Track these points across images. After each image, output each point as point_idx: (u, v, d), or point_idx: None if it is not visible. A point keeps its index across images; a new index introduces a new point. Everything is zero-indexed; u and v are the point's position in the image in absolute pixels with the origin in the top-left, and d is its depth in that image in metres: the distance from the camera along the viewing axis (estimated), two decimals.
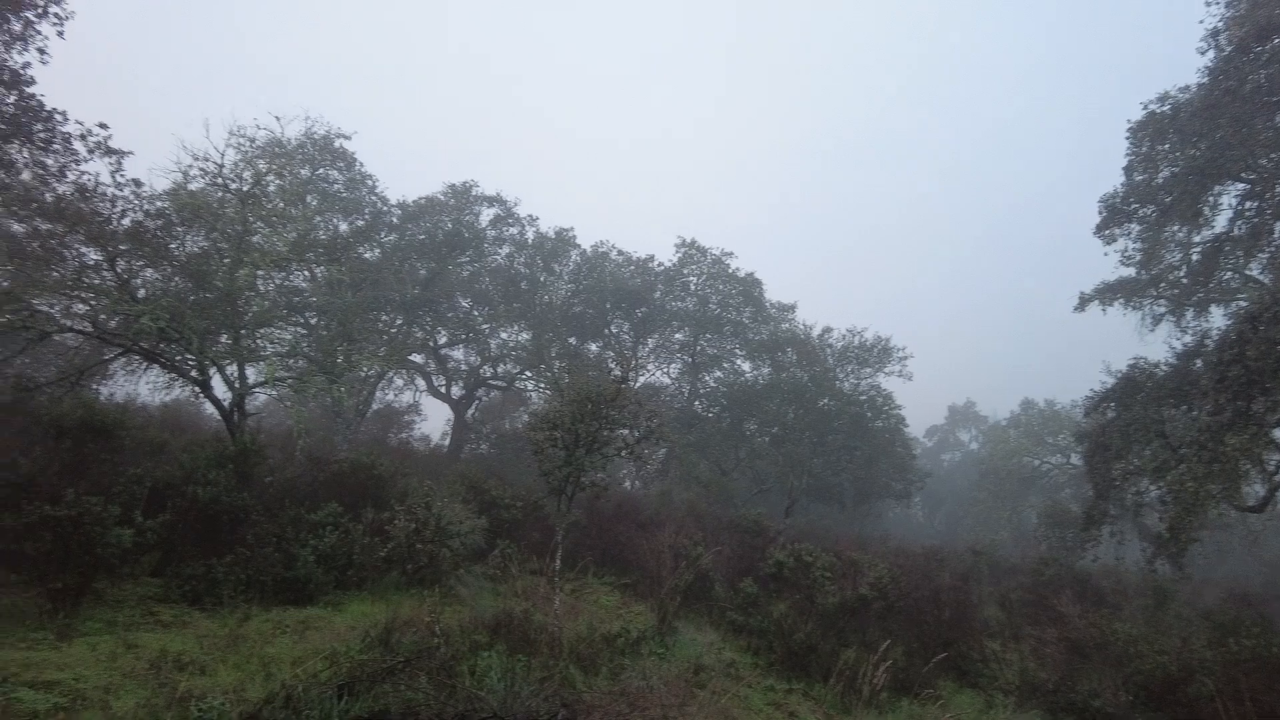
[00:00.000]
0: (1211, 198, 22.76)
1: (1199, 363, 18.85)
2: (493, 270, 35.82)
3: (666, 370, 41.15)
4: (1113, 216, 24.67)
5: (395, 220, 32.41)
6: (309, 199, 28.03)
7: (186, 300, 15.75)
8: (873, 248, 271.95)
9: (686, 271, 38.89)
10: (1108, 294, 26.92)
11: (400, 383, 36.33)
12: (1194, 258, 24.78)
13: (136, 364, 16.67)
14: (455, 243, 32.18)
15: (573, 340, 37.86)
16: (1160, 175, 23.19)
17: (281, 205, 18.24)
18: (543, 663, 8.87)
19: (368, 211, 31.68)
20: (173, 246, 16.12)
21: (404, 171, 31.01)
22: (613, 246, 38.60)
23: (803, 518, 35.15)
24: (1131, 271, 26.02)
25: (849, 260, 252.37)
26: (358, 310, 23.00)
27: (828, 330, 38.14)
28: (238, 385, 16.54)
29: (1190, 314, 25.58)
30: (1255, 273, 23.37)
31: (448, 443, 36.81)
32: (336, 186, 30.65)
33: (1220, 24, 20.86)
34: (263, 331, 18.14)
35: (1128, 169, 23.92)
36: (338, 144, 29.70)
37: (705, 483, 31.87)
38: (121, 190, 15.42)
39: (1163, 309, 26.44)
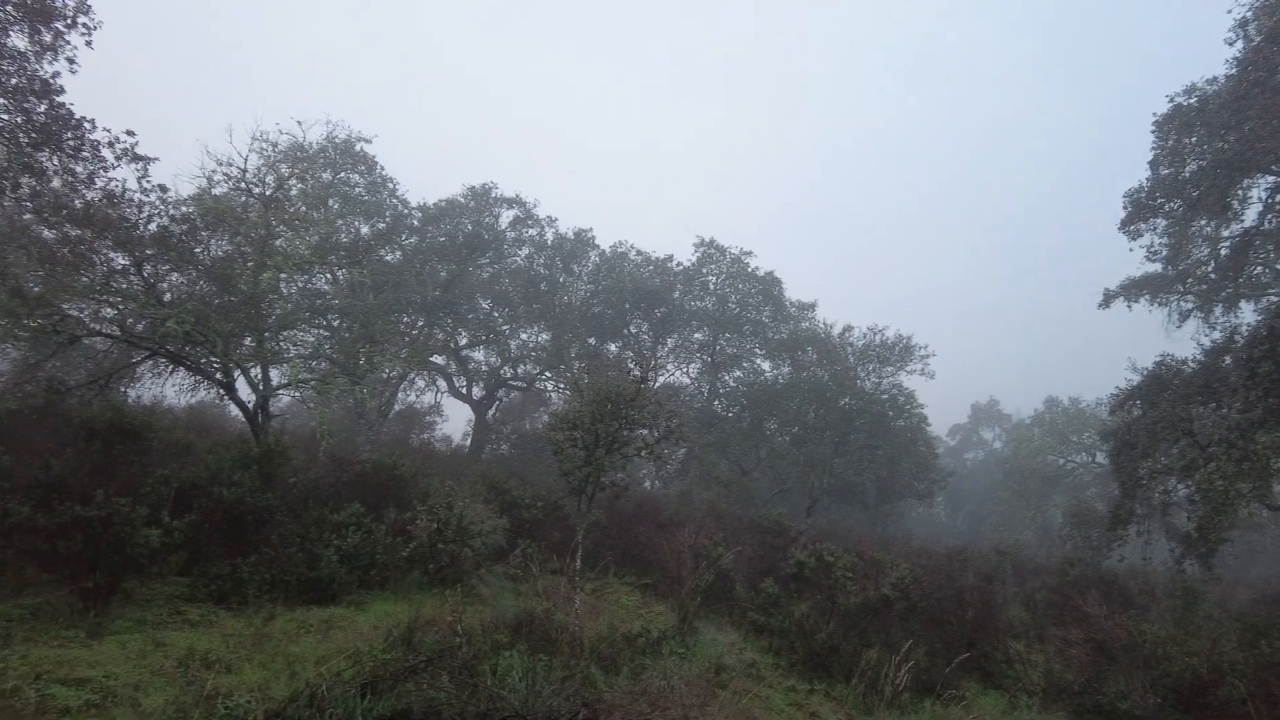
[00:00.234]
0: (1240, 191, 22.32)
1: (1228, 359, 18.55)
2: (512, 271, 36.02)
3: (686, 370, 41.10)
4: (1138, 211, 24.27)
5: (416, 223, 32.71)
6: (331, 202, 28.40)
7: (211, 304, 15.97)
8: (885, 248, 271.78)
9: (705, 271, 38.79)
10: (1133, 290, 26.49)
11: (422, 384, 36.75)
12: (1223, 252, 24.34)
13: (163, 367, 16.94)
14: (475, 244, 32.38)
15: (592, 341, 37.94)
16: (1187, 169, 22.78)
17: (304, 209, 18.46)
18: (564, 662, 8.89)
19: (389, 214, 32.01)
20: (198, 251, 16.36)
21: (403, 178, 31.48)
22: (631, 247, 38.65)
23: (824, 518, 34.91)
24: (1158, 267, 25.62)
25: (861, 260, 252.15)
26: (379, 312, 23.19)
27: (848, 329, 37.75)
28: (261, 387, 16.74)
29: (1219, 309, 25.14)
30: None
31: (469, 443, 37.05)
32: (358, 190, 30.96)
33: (1249, 14, 20.49)
34: (286, 334, 18.39)
35: (1153, 163, 23.52)
36: (359, 148, 30.02)
37: (725, 483, 31.78)
38: (148, 196, 15.67)
39: (1190, 305, 25.99)
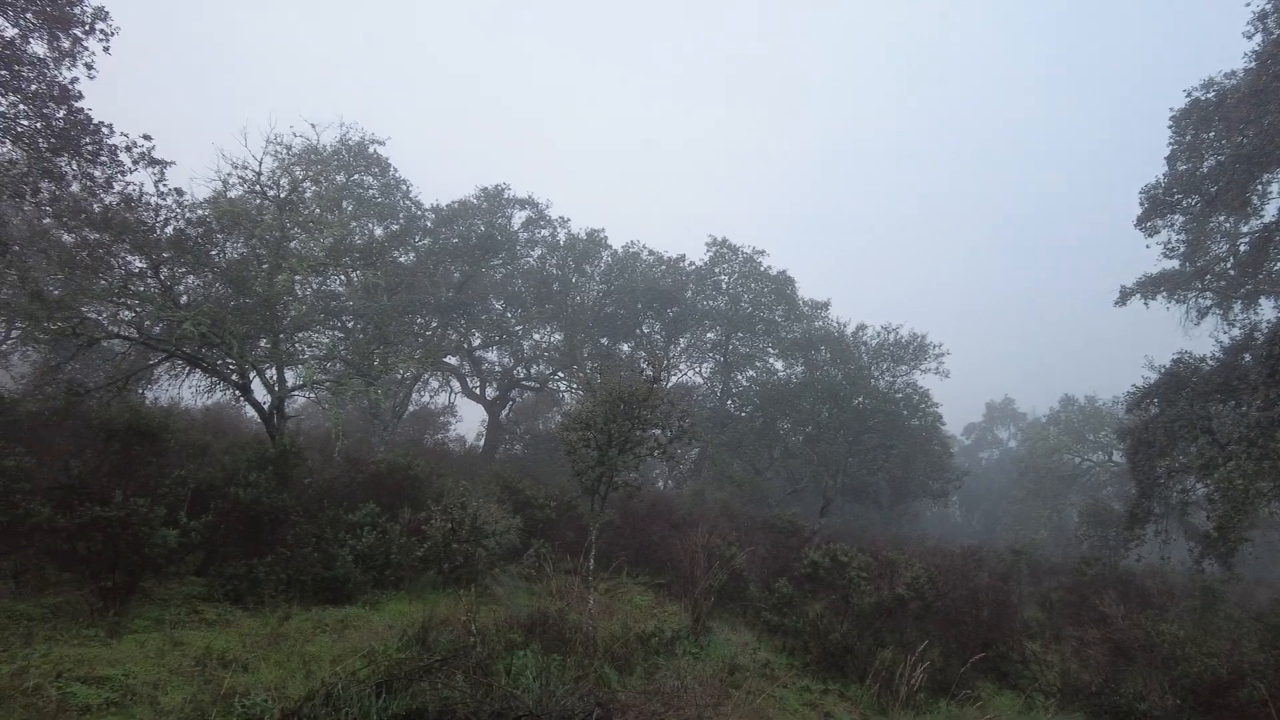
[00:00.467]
0: (1260, 186, 21.97)
1: (1248, 356, 18.32)
2: (525, 272, 36.10)
3: (699, 370, 41.05)
4: (1155, 208, 23.94)
5: (429, 224, 32.83)
6: (345, 204, 28.55)
7: (227, 306, 16.10)
8: (886, 248, 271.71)
9: (718, 270, 38.70)
10: (1150, 287, 26.12)
11: (435, 384, 36.89)
12: (1242, 248, 23.97)
13: (180, 368, 17.10)
14: (488, 245, 32.46)
15: (605, 341, 37.97)
16: (1205, 164, 22.46)
17: (318, 211, 18.54)
18: (577, 662, 8.89)
19: (402, 216, 32.15)
20: (213, 253, 16.50)
21: (409, 179, 31.57)
22: (644, 247, 38.63)
23: (838, 518, 34.76)
24: (1175, 264, 25.30)
25: (861, 261, 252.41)
26: (393, 313, 23.30)
27: (862, 327, 37.54)
28: (277, 388, 16.85)
29: (1238, 306, 24.73)
30: None
31: (482, 443, 37.18)
32: (371, 192, 31.11)
33: (1269, 6, 20.17)
34: (301, 335, 18.51)
35: (1170, 159, 23.21)
36: (372, 150, 30.18)
37: (738, 482, 31.71)
38: (164, 199, 15.85)
39: (1209, 301, 25.63)
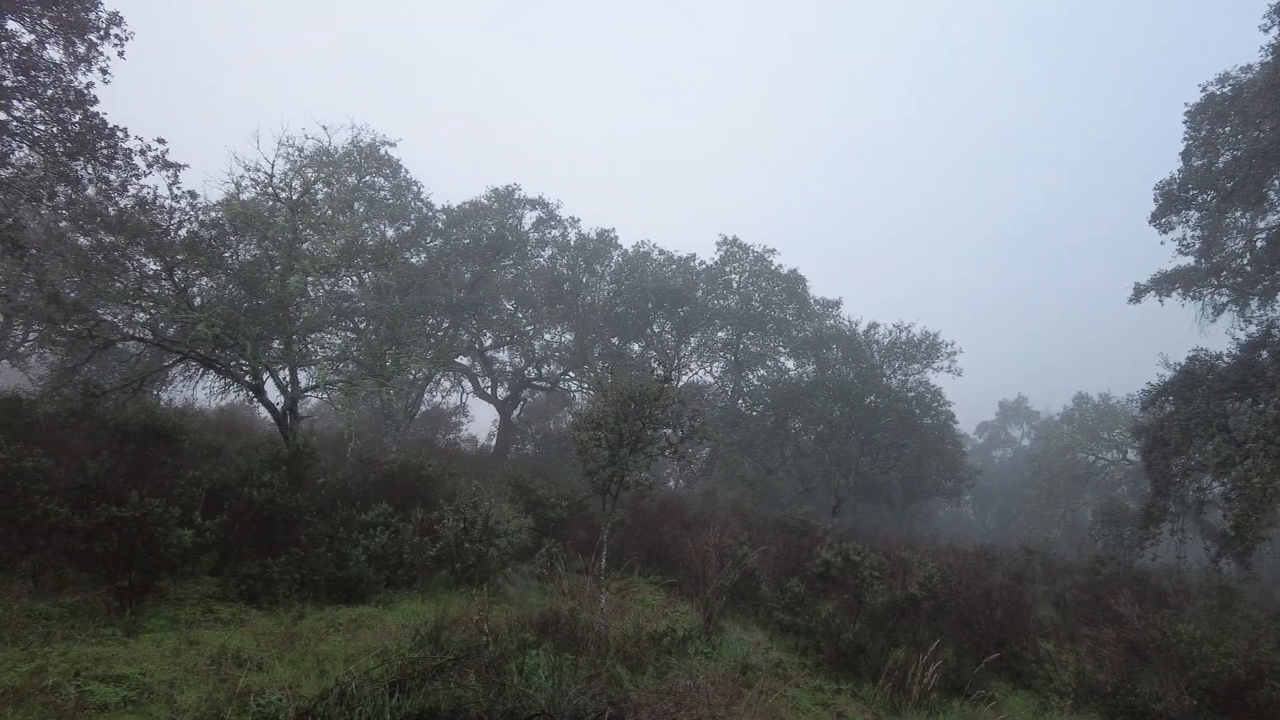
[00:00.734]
0: (1277, 180, 21.72)
1: (1265, 353, 18.11)
2: (536, 272, 36.18)
3: (709, 369, 41.00)
4: (1169, 204, 23.68)
5: (440, 225, 32.97)
6: (356, 206, 28.69)
7: (240, 307, 16.22)
8: (884, 249, 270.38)
9: (728, 270, 38.68)
10: (1164, 284, 25.85)
11: (447, 385, 37.02)
12: (1259, 244, 23.67)
13: (194, 370, 17.23)
14: (499, 246, 32.57)
15: (615, 340, 38.02)
16: (1221, 159, 22.22)
17: (330, 213, 18.67)
18: (589, 661, 8.90)
19: (413, 217, 32.29)
20: (227, 255, 16.63)
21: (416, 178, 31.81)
22: (654, 246, 38.65)
23: (850, 517, 34.61)
24: (1189, 260, 25.04)
25: (861, 261, 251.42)
26: (405, 314, 23.41)
27: (873, 326, 37.38)
28: (290, 389, 16.96)
29: (1255, 303, 24.43)
30: None
31: (494, 443, 37.24)
32: (383, 193, 31.27)
33: None
34: (313, 336, 18.62)
35: (1185, 154, 22.97)
36: (383, 151, 30.33)
37: (750, 482, 31.66)
38: (178, 202, 15.99)
39: (1225, 298, 25.35)
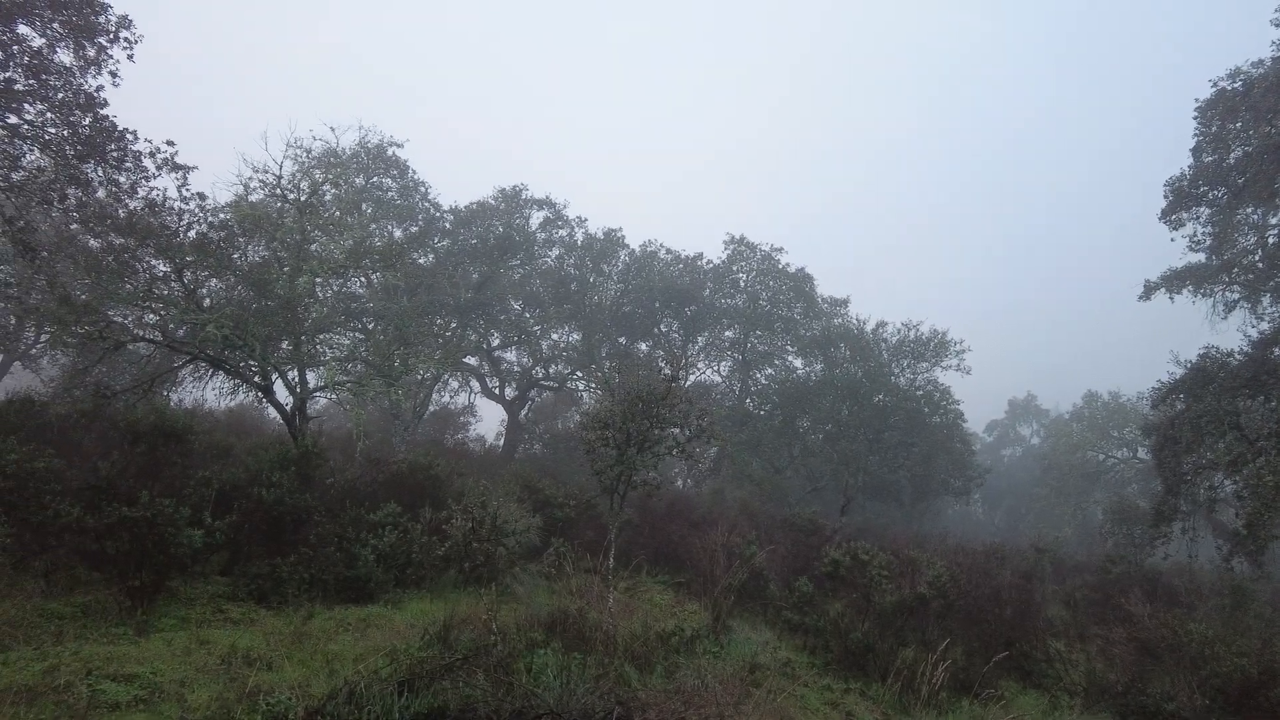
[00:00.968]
0: None
1: (1277, 350, 17.97)
2: (543, 272, 36.22)
3: (717, 368, 41.00)
4: (1180, 200, 23.52)
5: (448, 226, 33.04)
6: (364, 207, 28.80)
7: (249, 308, 16.28)
8: (894, 250, 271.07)
9: (736, 269, 38.62)
10: (1175, 281, 25.68)
11: (455, 385, 37.13)
12: (1270, 240, 23.51)
13: (203, 371, 17.32)
14: (506, 246, 32.62)
15: (623, 340, 38.01)
16: (1232, 155, 22.05)
17: (338, 214, 18.73)
18: (598, 660, 8.89)
19: (421, 218, 32.38)
20: (235, 257, 16.70)
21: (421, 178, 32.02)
22: (661, 246, 38.66)
23: (859, 516, 34.50)
24: (1200, 257, 24.87)
25: (861, 261, 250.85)
26: (413, 315, 23.46)
27: (881, 324, 37.24)
28: (299, 390, 17.03)
29: (1267, 300, 24.27)
30: None
31: (502, 443, 37.35)
32: (390, 194, 31.36)
33: None
34: (322, 337, 18.69)
35: (1195, 150, 22.82)
36: (390, 152, 30.42)
37: (758, 481, 31.62)
38: (187, 204, 16.07)
39: (1236, 295, 25.17)
